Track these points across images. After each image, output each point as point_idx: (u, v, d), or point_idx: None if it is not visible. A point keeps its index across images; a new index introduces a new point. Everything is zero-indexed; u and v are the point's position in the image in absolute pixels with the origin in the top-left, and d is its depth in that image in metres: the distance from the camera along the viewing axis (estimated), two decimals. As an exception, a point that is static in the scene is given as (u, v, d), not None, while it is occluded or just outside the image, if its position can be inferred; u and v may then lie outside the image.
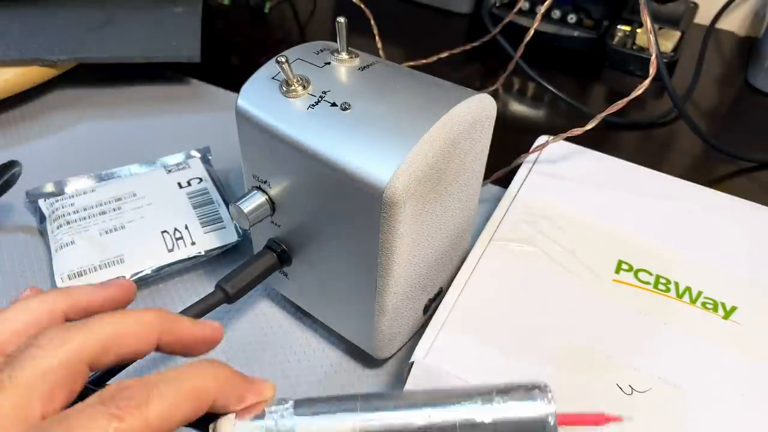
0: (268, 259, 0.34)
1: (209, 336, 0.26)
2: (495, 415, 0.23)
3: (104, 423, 0.20)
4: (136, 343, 0.24)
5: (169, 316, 0.25)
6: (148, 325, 0.24)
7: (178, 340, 0.25)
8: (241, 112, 0.31)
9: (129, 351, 0.24)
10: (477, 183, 0.34)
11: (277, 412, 0.24)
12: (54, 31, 0.54)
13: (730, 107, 0.59)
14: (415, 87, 0.30)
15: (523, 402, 0.24)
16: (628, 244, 0.37)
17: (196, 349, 0.26)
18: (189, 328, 0.26)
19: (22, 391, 0.20)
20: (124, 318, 0.24)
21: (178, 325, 0.25)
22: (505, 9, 0.63)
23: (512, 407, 0.24)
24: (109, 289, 0.27)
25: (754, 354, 0.32)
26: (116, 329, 0.23)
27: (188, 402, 0.22)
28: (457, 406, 0.24)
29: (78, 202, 0.42)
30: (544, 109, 0.57)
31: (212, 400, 0.23)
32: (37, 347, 0.22)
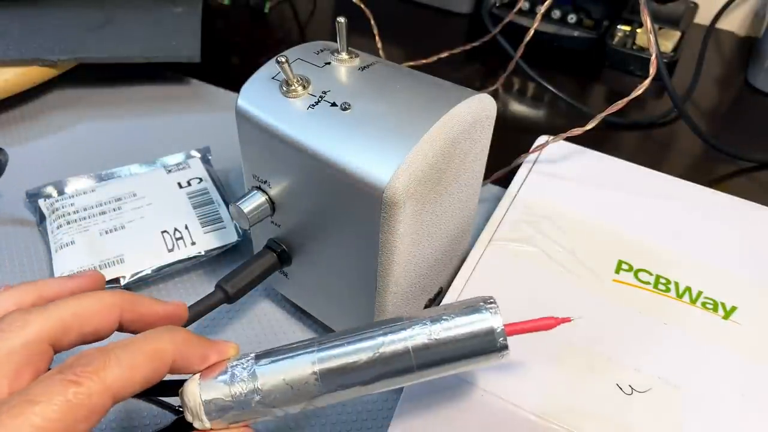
0: (268, 259, 0.34)
1: (172, 312, 0.27)
2: (445, 334, 0.24)
3: (62, 389, 0.20)
4: (97, 322, 0.24)
5: (131, 295, 0.26)
6: (108, 304, 0.25)
7: (140, 318, 0.26)
8: (241, 112, 0.31)
9: (91, 330, 0.24)
10: (477, 183, 0.34)
11: (239, 365, 0.25)
12: (54, 31, 0.54)
13: (730, 107, 0.59)
14: (415, 87, 0.30)
15: (471, 316, 0.24)
16: (628, 244, 0.37)
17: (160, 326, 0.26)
18: (151, 305, 0.26)
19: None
20: (84, 298, 0.24)
21: (140, 303, 0.26)
22: (505, 9, 0.63)
23: (460, 324, 0.24)
24: (76, 280, 0.27)
25: (754, 354, 0.32)
26: (76, 309, 0.24)
27: (146, 363, 0.23)
28: (408, 331, 0.24)
29: (78, 202, 0.42)
30: (544, 109, 0.57)
31: (171, 361, 0.24)
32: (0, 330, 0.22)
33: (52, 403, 0.20)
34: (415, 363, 0.24)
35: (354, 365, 0.24)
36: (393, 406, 0.32)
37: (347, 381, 0.24)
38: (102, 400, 0.21)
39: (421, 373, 0.24)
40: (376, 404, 0.34)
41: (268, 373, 0.24)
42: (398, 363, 0.24)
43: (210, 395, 0.24)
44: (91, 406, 0.21)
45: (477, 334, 0.24)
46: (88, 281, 0.27)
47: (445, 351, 0.24)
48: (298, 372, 0.24)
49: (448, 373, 0.25)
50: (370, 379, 0.24)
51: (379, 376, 0.24)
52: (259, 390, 0.24)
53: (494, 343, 0.24)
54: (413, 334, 0.24)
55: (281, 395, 0.24)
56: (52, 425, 0.20)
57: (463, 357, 0.24)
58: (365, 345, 0.24)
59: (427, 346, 0.24)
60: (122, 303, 0.25)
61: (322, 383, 0.24)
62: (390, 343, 0.24)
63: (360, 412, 0.34)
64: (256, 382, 0.24)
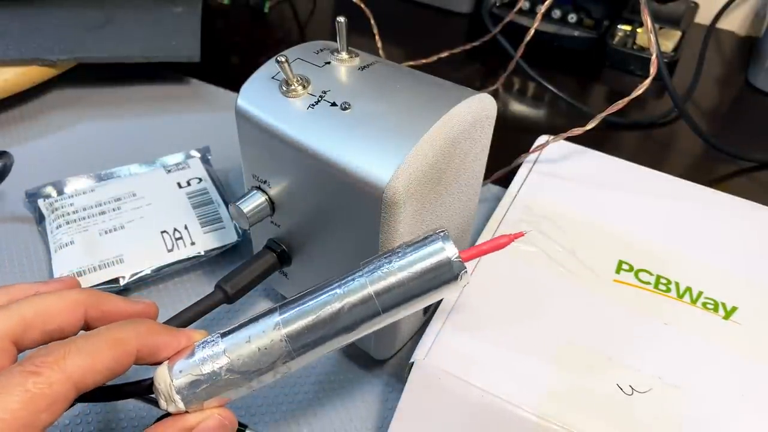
0: (268, 259, 0.34)
1: (140, 311, 0.27)
2: (404, 273, 0.24)
3: (22, 380, 0.21)
4: (61, 320, 0.24)
5: (97, 293, 0.26)
6: (72, 302, 0.25)
7: (105, 315, 0.26)
8: (240, 112, 0.31)
9: (55, 327, 0.24)
10: (477, 183, 0.34)
11: (205, 342, 0.25)
12: (53, 31, 0.54)
13: (730, 107, 0.59)
14: (415, 87, 0.30)
15: (425, 250, 0.25)
16: (628, 244, 0.37)
17: None
18: (117, 303, 0.26)
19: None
20: (48, 297, 0.24)
21: (106, 301, 0.26)
22: (505, 9, 0.62)
23: (417, 259, 0.24)
24: (50, 285, 0.27)
25: (755, 354, 0.31)
26: (39, 307, 0.24)
27: (107, 351, 0.23)
28: (366, 276, 0.24)
29: (77, 202, 0.42)
30: (544, 109, 0.57)
31: (134, 350, 0.24)
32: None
33: (11, 394, 0.20)
34: (380, 307, 0.24)
35: (320, 319, 0.24)
36: (393, 406, 0.32)
37: (316, 336, 0.24)
38: (63, 388, 0.21)
39: (388, 315, 0.25)
40: (376, 404, 0.34)
41: (234, 341, 0.24)
42: (363, 310, 0.24)
43: (179, 374, 0.24)
44: (53, 395, 0.21)
45: (435, 266, 0.24)
46: (61, 285, 0.27)
47: (407, 289, 0.24)
48: (265, 335, 0.24)
49: (413, 309, 0.25)
50: (337, 331, 0.24)
51: (347, 327, 0.24)
52: (227, 357, 0.24)
53: (452, 270, 0.24)
54: (373, 279, 0.24)
55: (249, 359, 0.24)
56: (13, 416, 0.20)
57: (425, 291, 0.25)
58: (328, 298, 0.24)
59: (388, 288, 0.24)
60: (87, 300, 0.25)
61: (290, 343, 0.24)
62: (352, 292, 0.24)
63: (360, 412, 0.34)
64: (223, 352, 0.24)
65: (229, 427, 0.25)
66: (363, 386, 0.35)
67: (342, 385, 0.35)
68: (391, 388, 0.35)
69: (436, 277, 0.24)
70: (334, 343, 0.25)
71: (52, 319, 0.24)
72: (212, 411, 0.25)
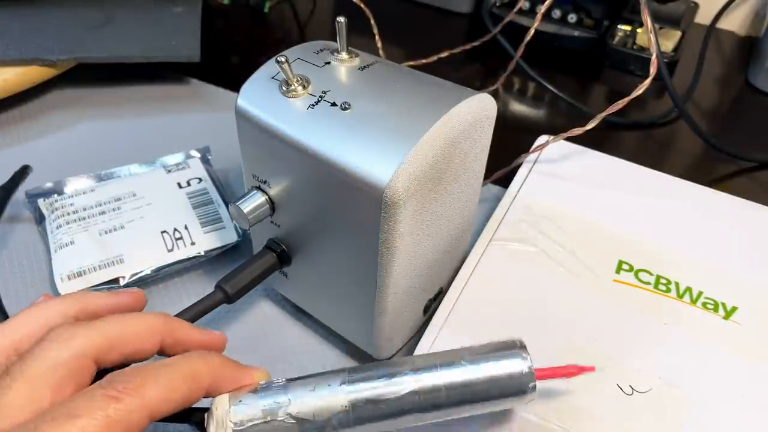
0: (268, 259, 0.34)
1: (209, 342, 0.28)
2: (477, 375, 0.25)
3: (103, 404, 0.21)
4: (139, 344, 0.25)
5: (173, 320, 0.26)
6: (151, 327, 0.25)
7: (179, 343, 0.26)
8: (240, 112, 0.31)
9: (132, 350, 0.25)
10: (477, 183, 0.34)
11: (270, 385, 0.25)
12: (53, 31, 0.54)
13: (730, 107, 0.59)
14: (415, 87, 0.30)
15: (503, 360, 0.25)
16: (628, 244, 0.37)
17: None
18: (191, 333, 0.27)
19: (33, 382, 0.22)
20: (129, 319, 0.25)
21: (181, 329, 0.27)
22: (505, 9, 0.62)
23: (492, 366, 0.25)
24: (119, 296, 0.28)
25: (755, 354, 0.31)
26: (121, 328, 0.24)
27: (184, 384, 0.23)
28: (441, 370, 0.25)
29: (77, 202, 0.42)
30: (544, 109, 0.57)
31: (207, 383, 0.24)
32: (47, 341, 0.23)
33: (93, 418, 0.21)
34: (446, 401, 0.25)
35: (387, 396, 0.24)
36: (393, 406, 0.32)
37: (378, 412, 0.24)
38: (139, 416, 0.22)
39: (450, 411, 0.25)
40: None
41: (299, 389, 0.25)
42: (430, 399, 0.25)
43: (238, 404, 0.24)
44: (130, 422, 0.21)
45: (508, 376, 0.25)
46: (130, 298, 0.28)
47: (476, 391, 0.25)
48: (330, 391, 0.25)
49: (474, 412, 0.25)
50: (400, 412, 0.25)
51: (410, 410, 0.25)
52: (289, 401, 0.24)
53: (524, 386, 0.25)
54: (446, 374, 0.25)
55: (309, 410, 0.24)
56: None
57: (492, 397, 0.25)
58: (398, 380, 0.25)
59: (460, 385, 0.25)
60: (164, 326, 0.26)
61: (353, 411, 0.24)
62: (423, 379, 0.25)
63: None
64: (286, 395, 0.25)
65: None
66: (363, 386, 0.35)
67: (342, 385, 0.35)
68: (391, 388, 0.35)
69: (508, 387, 0.25)
70: (394, 423, 0.25)
71: (131, 342, 0.25)
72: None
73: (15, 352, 0.24)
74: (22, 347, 0.24)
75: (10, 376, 0.22)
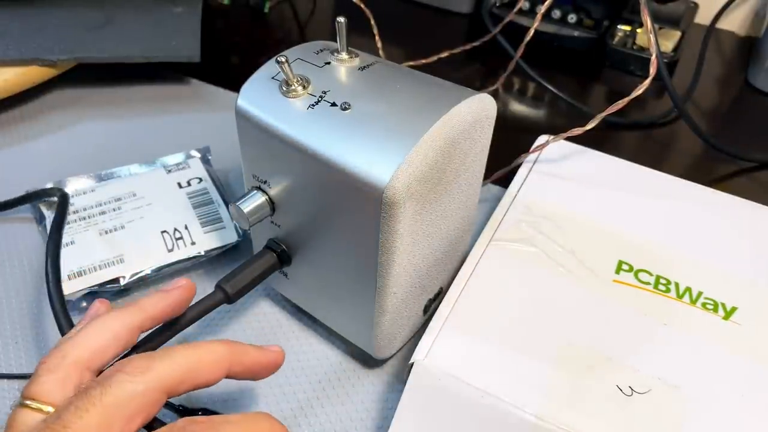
0: (268, 259, 0.34)
1: (273, 361, 0.29)
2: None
3: None
4: (209, 375, 0.26)
5: (237, 347, 0.27)
6: (220, 356, 0.26)
7: (246, 369, 0.27)
8: (241, 112, 0.31)
9: (202, 381, 0.26)
10: (477, 183, 0.34)
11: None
12: (53, 31, 0.54)
13: (730, 107, 0.59)
14: (415, 87, 0.30)
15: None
16: (628, 245, 0.37)
17: (260, 374, 0.29)
18: (255, 356, 0.28)
19: (108, 410, 0.22)
20: (199, 350, 0.26)
21: (246, 355, 0.28)
22: (505, 9, 0.62)
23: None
24: (173, 293, 0.29)
25: (755, 354, 0.31)
26: (193, 361, 0.25)
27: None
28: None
29: (78, 202, 0.42)
30: (544, 109, 0.57)
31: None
32: (125, 373, 0.23)
33: None
34: None
35: None
36: (393, 406, 0.32)
37: None
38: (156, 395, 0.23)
39: None
40: (376, 404, 0.34)
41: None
42: None
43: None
44: None
45: None
46: (183, 293, 0.29)
47: None
48: None
49: None
50: None
51: None
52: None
53: None
54: None
55: None
56: None
57: None
58: None
59: None
60: (231, 355, 0.27)
61: None
62: None
63: (360, 412, 0.34)
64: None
65: None
66: (363, 386, 0.35)
67: (342, 385, 0.35)
68: (391, 388, 0.35)
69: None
70: None
71: (202, 373, 0.25)
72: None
73: (88, 369, 0.25)
74: (94, 364, 0.25)
75: (88, 399, 0.22)
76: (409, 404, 0.31)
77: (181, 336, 0.31)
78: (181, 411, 0.33)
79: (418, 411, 0.30)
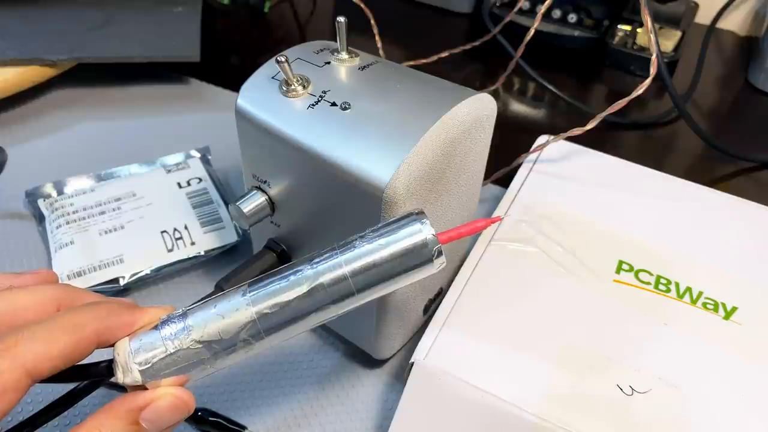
0: (268, 259, 0.34)
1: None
2: (379, 253, 0.24)
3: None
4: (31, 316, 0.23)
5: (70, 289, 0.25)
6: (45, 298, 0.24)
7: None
8: (240, 112, 0.31)
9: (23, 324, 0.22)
10: (477, 183, 0.34)
11: (171, 317, 0.24)
12: (53, 31, 0.54)
13: (730, 107, 0.59)
14: (415, 87, 0.30)
15: (402, 231, 0.24)
16: (628, 244, 0.37)
17: None
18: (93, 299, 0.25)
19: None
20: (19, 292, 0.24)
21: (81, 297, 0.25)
22: (505, 8, 0.62)
23: (393, 240, 0.24)
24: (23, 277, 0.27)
25: (755, 354, 0.31)
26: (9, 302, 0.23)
27: (64, 336, 0.22)
28: (340, 256, 0.24)
29: (77, 202, 0.42)
30: (544, 109, 0.57)
31: (94, 333, 0.23)
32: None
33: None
34: (354, 288, 0.24)
35: (291, 297, 0.23)
36: (393, 406, 0.32)
37: (287, 315, 0.23)
38: (15, 376, 0.20)
39: (361, 296, 0.24)
40: (376, 404, 0.34)
41: (200, 313, 0.24)
42: (336, 291, 0.24)
43: (139, 343, 0.23)
44: (3, 383, 0.20)
45: (411, 247, 0.24)
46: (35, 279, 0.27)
47: (382, 270, 0.24)
48: (233, 309, 0.23)
49: (388, 290, 0.25)
50: (309, 310, 0.24)
51: (319, 305, 0.24)
52: (191, 327, 0.23)
53: (429, 252, 0.24)
54: (348, 259, 0.24)
55: (214, 331, 0.23)
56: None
57: (400, 272, 0.24)
58: (301, 277, 0.24)
59: (363, 268, 0.24)
60: (60, 296, 0.24)
61: (261, 321, 0.23)
62: (326, 271, 0.24)
63: (360, 412, 0.34)
64: (187, 322, 0.23)
65: (183, 409, 0.24)
66: (363, 386, 0.35)
67: (342, 385, 0.35)
68: (391, 388, 0.35)
69: (412, 258, 0.24)
70: (304, 323, 0.24)
71: (22, 315, 0.23)
72: (168, 390, 0.23)
73: None
74: None
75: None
76: (409, 404, 0.31)
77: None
78: None
79: (418, 411, 0.30)
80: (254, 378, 0.35)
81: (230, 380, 0.35)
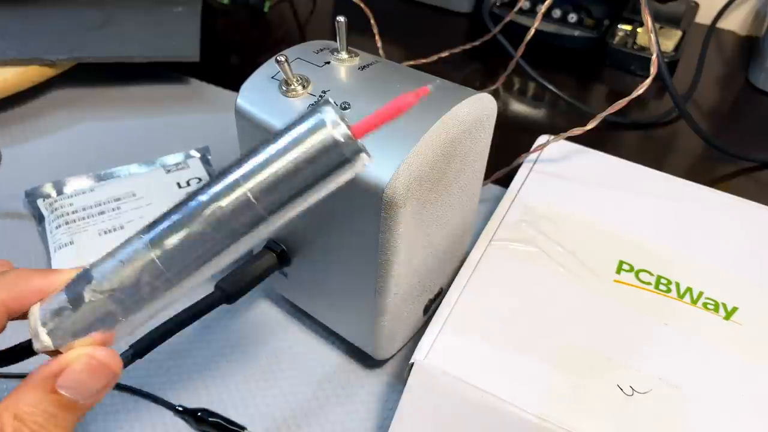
0: (268, 259, 0.34)
1: None
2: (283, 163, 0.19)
3: None
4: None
5: None
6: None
7: None
8: (240, 112, 0.31)
9: None
10: (477, 183, 0.34)
11: (76, 279, 0.22)
12: (53, 31, 0.54)
13: (731, 107, 0.59)
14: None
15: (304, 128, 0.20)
16: (628, 244, 0.37)
17: None
18: None
19: None
20: None
21: None
22: (505, 8, 0.62)
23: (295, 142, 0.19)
24: None
25: (755, 354, 0.31)
26: None
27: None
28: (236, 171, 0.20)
29: (77, 202, 0.42)
30: (544, 109, 0.57)
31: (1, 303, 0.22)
32: None
33: None
34: (263, 211, 0.20)
35: (193, 230, 0.20)
36: (393, 406, 0.32)
37: (193, 251, 0.21)
38: None
39: (276, 217, 0.20)
40: (376, 404, 0.34)
41: (102, 263, 0.22)
42: (244, 217, 0.20)
43: (46, 306, 0.22)
44: None
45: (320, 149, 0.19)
46: None
47: (291, 185, 0.20)
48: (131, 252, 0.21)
49: (307, 203, 0.21)
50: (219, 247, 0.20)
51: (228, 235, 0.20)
52: (93, 278, 0.21)
53: (343, 154, 0.19)
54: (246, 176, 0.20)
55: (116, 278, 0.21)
56: None
57: (315, 181, 0.20)
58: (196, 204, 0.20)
59: (268, 187, 0.20)
60: None
61: (162, 259, 0.21)
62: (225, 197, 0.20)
63: (360, 412, 0.34)
64: (88, 274, 0.21)
65: (103, 370, 0.21)
66: (363, 386, 0.35)
67: (342, 385, 0.35)
68: (391, 388, 0.35)
69: (324, 162, 0.19)
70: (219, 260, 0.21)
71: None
72: (81, 350, 0.21)
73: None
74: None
75: None
76: (409, 404, 0.31)
77: (179, 337, 0.31)
78: (181, 411, 0.33)
79: (418, 411, 0.30)
80: (254, 378, 0.35)
81: (230, 380, 0.35)
